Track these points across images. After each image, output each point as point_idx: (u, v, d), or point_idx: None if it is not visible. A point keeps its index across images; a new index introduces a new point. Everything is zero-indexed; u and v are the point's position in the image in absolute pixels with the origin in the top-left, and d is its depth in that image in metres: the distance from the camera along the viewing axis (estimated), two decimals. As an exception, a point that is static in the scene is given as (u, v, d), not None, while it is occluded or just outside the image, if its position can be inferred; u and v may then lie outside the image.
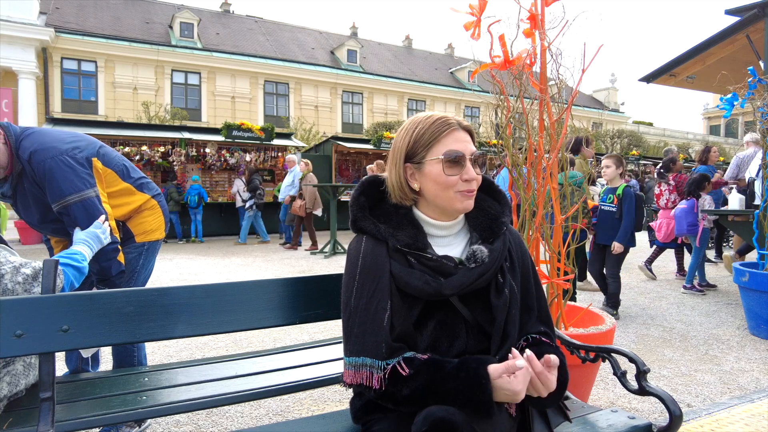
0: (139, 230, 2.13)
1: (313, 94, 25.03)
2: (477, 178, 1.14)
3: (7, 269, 1.38)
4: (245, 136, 11.60)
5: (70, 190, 1.81)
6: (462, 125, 1.16)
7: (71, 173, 1.82)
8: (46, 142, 1.84)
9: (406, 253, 1.13)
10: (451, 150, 1.12)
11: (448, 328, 1.12)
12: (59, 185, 1.80)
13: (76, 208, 1.81)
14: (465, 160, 1.12)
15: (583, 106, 31.17)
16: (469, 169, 1.12)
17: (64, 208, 1.81)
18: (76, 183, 1.82)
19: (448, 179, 1.12)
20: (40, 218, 1.93)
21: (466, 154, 1.12)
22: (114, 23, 21.88)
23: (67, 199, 1.80)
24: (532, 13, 2.22)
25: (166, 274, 6.35)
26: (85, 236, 1.75)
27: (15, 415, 1.35)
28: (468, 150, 1.13)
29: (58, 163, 1.80)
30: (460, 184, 1.12)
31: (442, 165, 1.12)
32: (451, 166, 1.12)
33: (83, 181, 1.84)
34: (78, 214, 1.82)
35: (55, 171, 1.80)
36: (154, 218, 2.18)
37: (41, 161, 1.79)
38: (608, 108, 34.17)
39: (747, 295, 3.90)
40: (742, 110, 4.51)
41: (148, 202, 2.15)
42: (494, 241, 1.18)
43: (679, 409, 1.20)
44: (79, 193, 1.82)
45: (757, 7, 6.19)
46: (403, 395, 1.03)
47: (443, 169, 1.12)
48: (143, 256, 2.14)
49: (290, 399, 2.59)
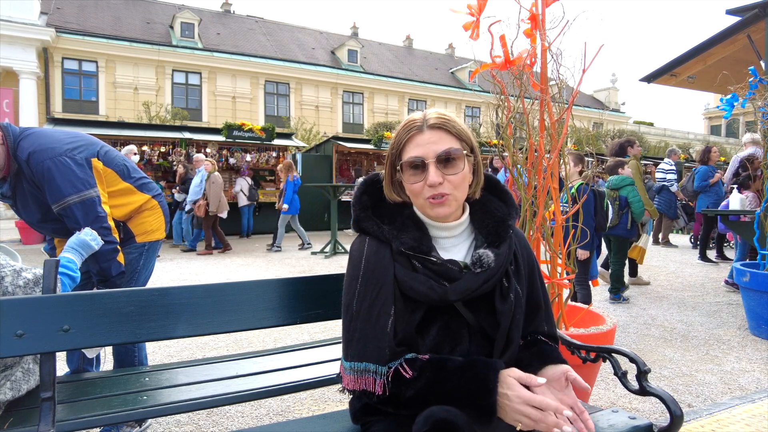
0: (140, 230, 2.12)
1: (314, 94, 25.02)
2: (441, 182, 1.07)
3: (7, 272, 1.38)
4: (246, 136, 11.60)
5: (70, 190, 1.81)
6: (429, 124, 1.09)
7: (70, 174, 1.82)
8: (45, 143, 1.83)
9: (411, 256, 1.10)
10: (410, 157, 1.08)
11: (451, 332, 1.10)
12: (58, 186, 1.80)
13: (76, 208, 1.81)
14: (426, 164, 1.07)
15: (583, 106, 31.14)
16: (431, 174, 1.06)
17: (64, 209, 1.81)
18: (75, 184, 1.82)
19: (411, 187, 1.10)
20: (41, 218, 1.93)
21: (426, 158, 1.06)
22: (115, 23, 21.88)
23: (66, 200, 1.80)
24: (532, 13, 2.22)
25: (166, 274, 6.35)
26: (74, 244, 1.73)
27: (16, 415, 1.35)
28: (430, 152, 1.07)
29: (57, 164, 1.80)
30: (426, 190, 1.08)
31: (405, 173, 1.10)
32: (413, 174, 1.08)
33: (83, 181, 1.84)
34: (78, 214, 1.81)
35: (54, 172, 1.79)
36: (155, 218, 2.18)
37: (40, 162, 1.79)
38: (609, 108, 34.13)
39: (748, 295, 3.89)
40: (743, 110, 4.51)
41: (148, 203, 2.15)
42: (500, 245, 1.14)
43: (680, 409, 1.20)
44: (79, 193, 1.82)
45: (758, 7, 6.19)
46: (407, 397, 1.01)
47: (406, 177, 1.10)
48: (144, 257, 2.14)
49: (291, 399, 2.59)
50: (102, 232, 1.85)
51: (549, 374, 1.09)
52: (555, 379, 1.08)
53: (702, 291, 5.38)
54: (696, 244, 8.51)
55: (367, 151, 14.14)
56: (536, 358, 1.14)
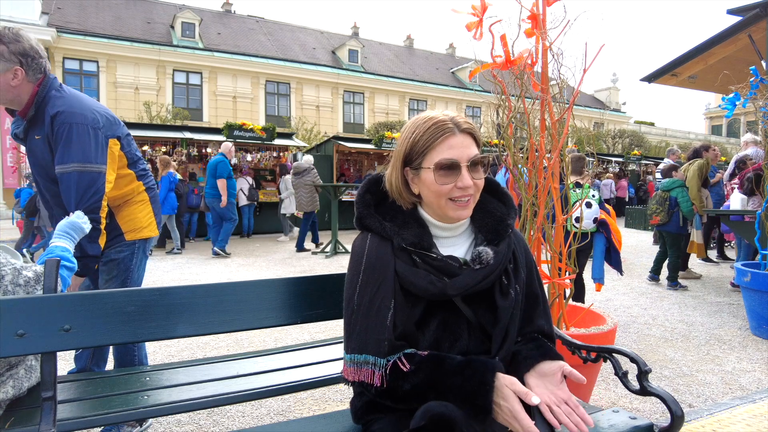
0: (129, 227, 2.08)
1: (315, 93, 25.02)
2: (472, 185, 1.10)
3: (7, 270, 1.37)
4: (246, 136, 11.60)
5: (79, 157, 1.81)
6: (461, 128, 1.11)
7: (87, 144, 1.83)
8: (77, 108, 1.86)
9: (411, 252, 1.13)
10: (444, 159, 1.09)
11: (451, 328, 1.12)
12: (70, 150, 1.80)
13: (77, 177, 1.81)
14: (460, 167, 1.09)
15: (584, 105, 31.13)
16: (464, 177, 1.09)
17: (65, 174, 1.81)
18: (87, 154, 1.83)
19: (440, 188, 1.10)
20: (39, 171, 1.93)
21: (461, 161, 1.09)
22: (115, 23, 21.89)
23: (71, 165, 1.80)
24: (533, 12, 2.22)
25: (167, 274, 6.36)
26: (67, 228, 1.70)
27: (17, 415, 1.35)
28: (464, 156, 1.09)
29: (79, 131, 1.82)
30: (455, 191, 1.10)
31: (434, 173, 1.10)
32: (444, 175, 1.09)
33: (94, 155, 1.85)
34: (75, 183, 1.80)
35: (73, 136, 1.81)
36: (144, 214, 2.13)
37: (64, 122, 1.81)
38: (610, 108, 34.11)
39: (749, 295, 3.89)
40: (744, 110, 4.50)
41: (139, 195, 2.12)
42: (499, 243, 1.17)
43: (681, 409, 1.20)
44: (84, 164, 1.82)
45: (759, 7, 6.18)
46: (404, 390, 1.03)
47: (435, 178, 1.10)
48: (136, 255, 2.11)
49: (291, 399, 2.59)
50: (94, 206, 1.83)
51: (546, 369, 1.11)
52: (551, 374, 1.10)
53: (703, 291, 5.37)
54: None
55: (367, 151, 14.14)
56: (535, 351, 1.16)
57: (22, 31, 1.82)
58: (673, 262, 5.48)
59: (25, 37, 1.82)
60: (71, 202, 1.82)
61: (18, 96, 1.84)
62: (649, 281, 5.74)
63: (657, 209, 5.47)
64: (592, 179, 4.56)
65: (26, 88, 1.83)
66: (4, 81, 1.79)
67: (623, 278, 6.00)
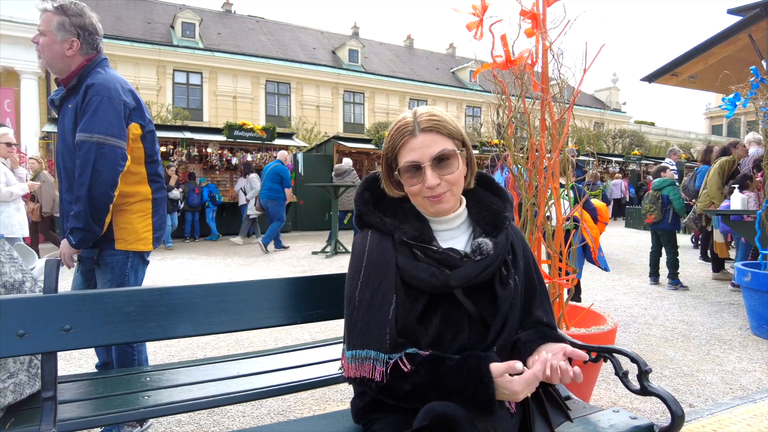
0: (121, 235, 1.97)
1: (315, 93, 25.01)
2: (439, 183, 1.11)
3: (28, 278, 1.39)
4: (247, 136, 11.61)
5: (102, 129, 1.82)
6: (421, 127, 1.12)
7: (113, 118, 1.85)
8: (111, 84, 1.89)
9: (412, 245, 1.14)
10: (406, 162, 1.12)
11: (453, 321, 1.13)
12: (95, 120, 1.81)
13: (97, 147, 1.80)
14: (422, 168, 1.11)
15: (584, 105, 31.10)
16: (428, 177, 1.10)
17: (84, 143, 1.80)
18: (111, 127, 1.83)
19: (410, 189, 1.15)
20: (63, 143, 1.95)
21: (422, 162, 1.10)
22: (115, 23, 21.88)
23: (92, 136, 1.80)
24: (533, 12, 2.22)
25: (167, 273, 6.36)
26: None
27: (17, 415, 1.35)
28: (426, 156, 1.10)
29: (107, 104, 1.84)
30: (425, 190, 1.13)
31: (402, 176, 1.14)
32: (411, 176, 1.13)
33: (117, 130, 1.86)
34: (92, 153, 1.79)
35: (100, 107, 1.83)
36: (142, 225, 2.03)
37: (96, 93, 1.83)
38: (610, 108, 34.09)
39: (749, 295, 3.89)
40: (744, 110, 4.50)
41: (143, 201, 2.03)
42: (498, 235, 1.19)
43: (681, 409, 1.20)
44: (106, 136, 1.82)
45: (759, 7, 6.18)
46: (405, 391, 1.03)
47: (404, 180, 1.15)
48: (131, 260, 2.02)
49: (292, 399, 2.59)
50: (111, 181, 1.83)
51: (548, 349, 1.11)
52: (553, 353, 1.09)
53: (703, 291, 5.37)
54: (697, 244, 8.50)
55: (368, 151, 14.15)
56: (534, 335, 1.17)
57: (86, 8, 1.91)
58: (671, 260, 5.50)
59: (88, 14, 1.92)
60: (87, 172, 1.80)
61: (68, 66, 1.90)
62: (651, 283, 5.75)
63: (650, 208, 5.57)
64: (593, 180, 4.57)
65: (77, 60, 1.90)
66: (60, 50, 1.85)
67: (623, 278, 6.01)
